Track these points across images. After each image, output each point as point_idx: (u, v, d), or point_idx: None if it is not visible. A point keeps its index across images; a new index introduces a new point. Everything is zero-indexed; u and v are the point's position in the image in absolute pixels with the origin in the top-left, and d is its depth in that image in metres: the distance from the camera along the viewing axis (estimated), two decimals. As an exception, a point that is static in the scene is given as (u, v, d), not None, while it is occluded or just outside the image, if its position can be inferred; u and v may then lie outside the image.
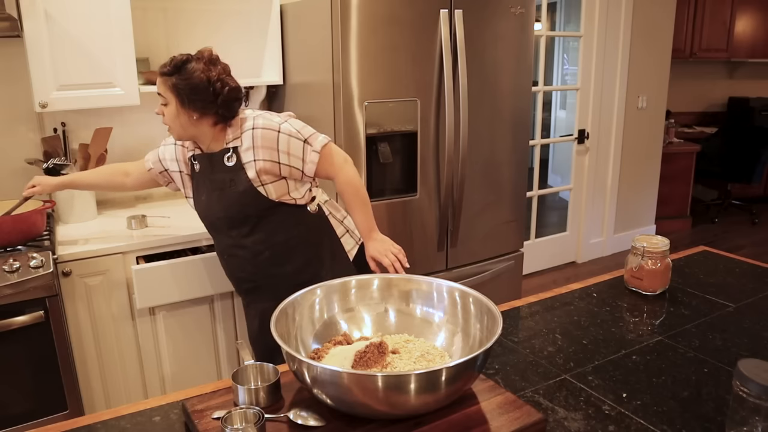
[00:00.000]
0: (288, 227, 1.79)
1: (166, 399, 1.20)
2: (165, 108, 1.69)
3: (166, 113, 1.69)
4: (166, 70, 1.66)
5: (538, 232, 4.35)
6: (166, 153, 1.89)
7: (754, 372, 0.95)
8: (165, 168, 1.90)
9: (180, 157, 1.85)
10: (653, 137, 4.67)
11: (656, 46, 4.45)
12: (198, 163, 1.79)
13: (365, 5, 2.16)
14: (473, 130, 2.52)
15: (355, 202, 1.79)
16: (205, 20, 2.69)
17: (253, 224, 1.76)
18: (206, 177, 1.77)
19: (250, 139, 1.69)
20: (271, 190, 1.72)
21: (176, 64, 1.64)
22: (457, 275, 2.62)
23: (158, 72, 1.68)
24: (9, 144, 2.42)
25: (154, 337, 2.24)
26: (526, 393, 1.21)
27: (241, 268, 1.83)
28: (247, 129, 1.70)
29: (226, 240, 1.81)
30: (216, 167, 1.74)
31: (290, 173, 1.74)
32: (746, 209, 5.74)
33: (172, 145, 1.87)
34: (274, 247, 1.78)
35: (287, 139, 1.70)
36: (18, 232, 2.00)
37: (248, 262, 1.80)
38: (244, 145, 1.70)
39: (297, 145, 1.72)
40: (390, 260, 1.74)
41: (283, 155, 1.70)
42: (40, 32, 2.10)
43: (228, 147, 1.72)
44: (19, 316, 1.91)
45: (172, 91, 1.65)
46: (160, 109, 1.71)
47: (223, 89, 1.66)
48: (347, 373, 0.99)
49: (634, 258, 1.67)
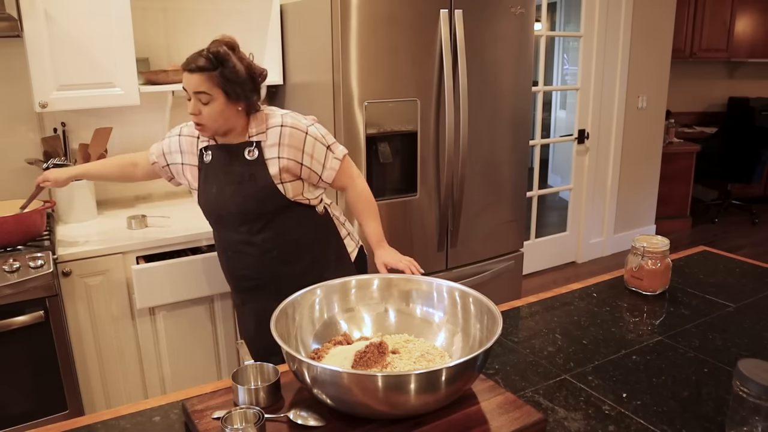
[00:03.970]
0: (299, 226, 1.78)
1: (166, 399, 1.20)
2: (207, 106, 1.60)
3: (209, 110, 1.60)
4: (207, 65, 1.56)
5: (538, 232, 4.35)
6: (171, 145, 1.82)
7: (754, 372, 0.95)
8: (167, 163, 1.85)
9: (186, 149, 1.79)
10: (653, 137, 4.67)
11: (656, 46, 4.45)
12: (211, 153, 1.73)
13: (365, 5, 2.16)
14: (473, 130, 2.52)
15: (368, 213, 1.82)
16: (205, 20, 2.68)
17: (266, 221, 1.74)
18: (220, 169, 1.72)
19: (277, 136, 1.67)
20: (288, 189, 1.71)
21: (218, 58, 1.57)
22: (457, 275, 2.62)
23: (192, 69, 1.57)
24: (9, 144, 2.42)
25: (154, 337, 2.24)
26: (526, 393, 1.21)
27: (246, 266, 1.79)
28: (273, 125, 1.68)
29: (234, 236, 1.77)
30: (234, 160, 1.70)
31: (309, 176, 1.73)
32: (746, 209, 5.74)
33: (176, 136, 1.81)
34: (283, 245, 1.77)
35: (313, 143, 1.70)
36: (18, 232, 2.00)
37: (255, 259, 1.77)
38: (269, 140, 1.68)
39: (321, 150, 1.72)
40: (406, 263, 1.75)
41: (306, 157, 1.70)
42: (40, 32, 2.10)
43: (251, 140, 1.68)
44: (19, 316, 1.91)
45: (219, 86, 1.58)
46: (198, 108, 1.61)
47: (260, 75, 1.65)
48: (347, 373, 0.99)
49: (634, 258, 1.67)
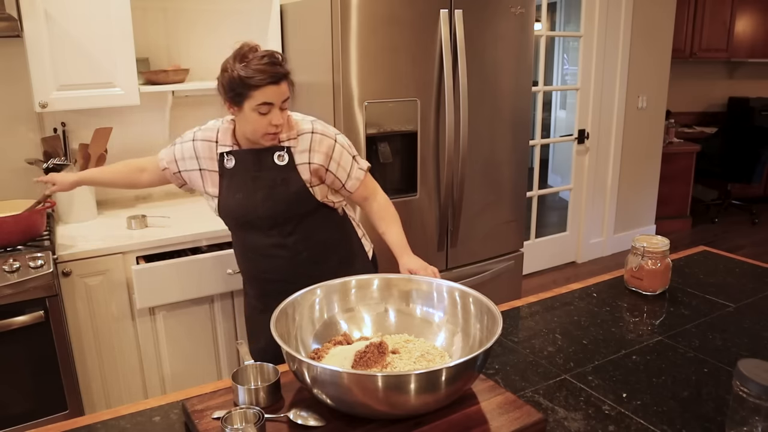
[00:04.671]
0: (325, 228, 1.80)
1: (166, 399, 1.20)
2: (284, 112, 1.62)
3: (285, 116, 1.63)
4: (288, 71, 1.58)
5: (538, 232, 4.34)
6: (184, 152, 1.78)
7: (754, 372, 0.95)
8: (179, 169, 1.80)
9: (203, 154, 1.75)
10: (653, 137, 4.67)
11: (656, 46, 4.45)
12: (234, 159, 1.71)
13: (365, 5, 2.16)
14: (473, 130, 2.52)
15: (394, 222, 1.82)
16: (205, 20, 2.68)
17: (295, 224, 1.74)
18: (247, 174, 1.70)
19: (308, 142, 1.68)
20: (317, 192, 1.73)
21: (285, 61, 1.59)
22: (457, 275, 2.62)
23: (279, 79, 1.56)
24: (9, 144, 2.42)
25: (154, 337, 2.24)
26: (526, 393, 1.21)
27: (276, 268, 1.77)
28: (304, 132, 1.69)
29: (264, 240, 1.75)
30: (264, 164, 1.69)
31: (332, 183, 1.75)
32: (746, 209, 5.74)
33: (190, 141, 1.77)
34: (313, 246, 1.78)
35: (341, 151, 1.72)
36: (18, 232, 2.00)
37: (286, 261, 1.77)
38: (299, 146, 1.68)
39: (347, 159, 1.74)
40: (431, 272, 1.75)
41: (333, 163, 1.71)
42: (40, 32, 2.10)
43: (281, 145, 1.68)
44: (19, 316, 1.91)
45: (291, 88, 1.61)
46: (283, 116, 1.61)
47: None
48: (347, 373, 0.99)
49: (634, 258, 1.67)
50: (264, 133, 1.61)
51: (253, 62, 1.54)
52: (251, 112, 1.57)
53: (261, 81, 1.53)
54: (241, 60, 1.55)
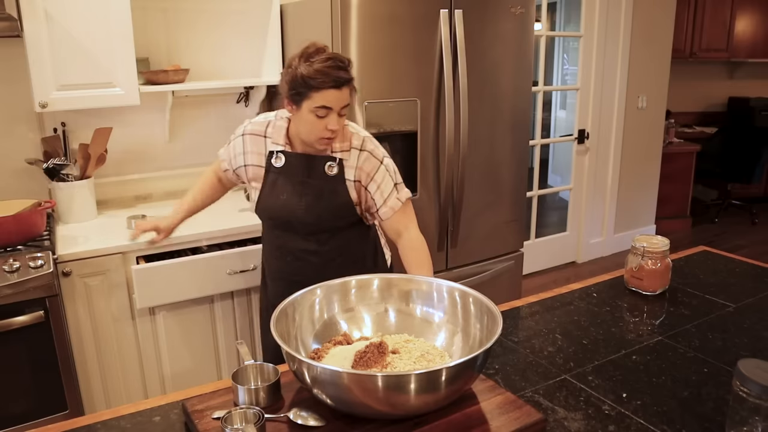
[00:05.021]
0: (359, 240, 1.80)
1: (166, 399, 1.20)
2: (342, 118, 1.59)
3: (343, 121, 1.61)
4: (352, 77, 1.55)
5: (538, 232, 4.35)
6: (236, 147, 1.75)
7: (754, 372, 0.95)
8: (234, 167, 1.79)
9: (251, 148, 1.72)
10: (653, 137, 4.67)
11: (656, 46, 4.45)
12: (284, 159, 1.68)
13: (365, 5, 2.16)
14: (473, 130, 2.52)
15: (426, 260, 1.72)
16: (205, 20, 2.69)
17: (333, 233, 1.73)
18: (296, 177, 1.68)
19: (356, 159, 1.67)
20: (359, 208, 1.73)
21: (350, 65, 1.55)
22: (457, 275, 2.62)
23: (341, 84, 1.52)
24: (9, 144, 2.42)
25: (154, 337, 2.24)
26: (526, 393, 1.21)
27: (305, 273, 1.75)
28: (355, 147, 1.67)
29: (300, 243, 1.73)
30: (313, 171, 1.66)
31: (366, 204, 1.72)
32: (746, 209, 5.73)
33: (240, 137, 1.74)
34: (344, 257, 1.77)
35: (384, 174, 1.69)
36: (18, 232, 2.00)
37: (317, 267, 1.75)
38: (350, 161, 1.67)
39: (388, 185, 1.70)
40: None
41: (373, 185, 1.69)
42: (40, 32, 2.10)
43: (334, 155, 1.66)
44: (19, 316, 1.91)
45: (353, 95, 1.59)
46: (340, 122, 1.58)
47: None
48: (347, 373, 0.99)
49: (634, 258, 1.67)
50: (319, 137, 1.57)
51: (318, 63, 1.50)
52: (309, 114, 1.54)
53: (322, 83, 1.50)
54: (306, 59, 1.52)
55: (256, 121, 1.74)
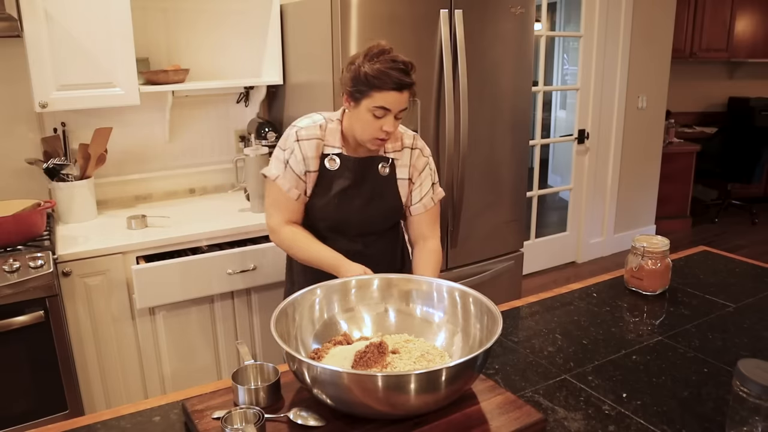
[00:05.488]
0: (396, 239, 1.81)
1: (166, 399, 1.20)
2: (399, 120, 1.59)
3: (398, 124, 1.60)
4: (413, 81, 1.54)
5: (538, 232, 4.35)
6: (297, 164, 1.64)
7: (754, 372, 0.95)
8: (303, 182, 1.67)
9: (309, 153, 1.64)
10: (653, 137, 4.67)
11: (656, 46, 4.45)
12: (339, 162, 1.65)
13: (365, 5, 2.16)
14: (473, 130, 2.52)
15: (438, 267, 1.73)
16: (205, 20, 2.68)
17: (380, 235, 1.74)
18: (350, 180, 1.65)
19: (408, 157, 1.69)
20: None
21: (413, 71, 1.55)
22: (457, 275, 2.62)
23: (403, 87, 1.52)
24: (9, 144, 2.42)
25: (154, 337, 2.24)
26: (526, 393, 1.21)
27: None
28: (407, 146, 1.69)
29: (347, 245, 1.70)
30: (368, 174, 1.66)
31: (406, 197, 1.72)
32: (746, 209, 5.73)
33: (296, 145, 1.64)
34: (385, 259, 1.77)
35: (429, 172, 1.72)
36: (18, 232, 2.00)
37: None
38: (402, 160, 1.68)
39: (428, 183, 1.73)
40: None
41: (418, 181, 1.71)
42: (40, 32, 2.10)
43: (386, 156, 1.67)
44: (19, 316, 1.91)
45: (411, 101, 1.59)
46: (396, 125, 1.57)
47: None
48: (347, 373, 0.99)
49: (634, 258, 1.67)
50: (373, 136, 1.57)
51: (383, 63, 1.51)
52: (366, 112, 1.54)
53: (384, 84, 1.50)
54: (371, 58, 1.52)
55: (307, 126, 1.66)
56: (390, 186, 1.68)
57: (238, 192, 2.77)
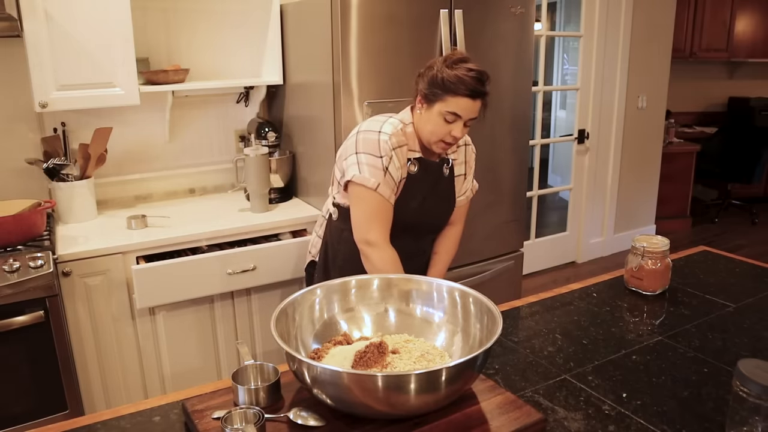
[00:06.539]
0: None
1: (166, 399, 1.20)
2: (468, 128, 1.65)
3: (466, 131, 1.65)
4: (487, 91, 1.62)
5: (538, 232, 4.34)
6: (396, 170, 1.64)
7: (754, 372, 0.95)
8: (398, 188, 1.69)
9: (403, 160, 1.66)
10: (653, 137, 4.67)
11: (656, 46, 4.45)
12: (418, 166, 1.68)
13: (365, 5, 2.16)
14: (473, 130, 2.51)
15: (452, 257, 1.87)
16: (205, 20, 2.69)
17: (437, 234, 1.82)
18: (426, 183, 1.69)
19: (464, 154, 1.76)
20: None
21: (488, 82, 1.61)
22: (457, 275, 2.62)
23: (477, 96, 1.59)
24: (9, 144, 2.42)
25: (154, 337, 2.24)
26: (526, 393, 1.21)
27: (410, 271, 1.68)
28: (462, 144, 1.76)
29: (412, 244, 1.74)
30: (438, 176, 1.73)
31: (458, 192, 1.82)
32: (746, 209, 5.73)
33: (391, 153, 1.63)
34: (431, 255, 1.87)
35: (473, 166, 1.82)
36: (18, 232, 2.00)
37: (419, 266, 1.83)
38: (459, 158, 1.75)
39: (471, 175, 1.84)
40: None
41: (468, 175, 1.81)
42: (40, 32, 2.10)
43: (447, 158, 1.75)
44: (19, 316, 1.91)
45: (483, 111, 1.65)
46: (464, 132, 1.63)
47: None
48: (347, 373, 0.99)
49: (634, 258, 1.67)
50: (440, 139, 1.62)
51: (460, 70, 1.57)
52: (438, 116, 1.59)
53: (459, 90, 1.56)
54: (449, 65, 1.58)
55: (391, 133, 1.63)
56: (451, 185, 1.76)
57: (238, 192, 2.77)
